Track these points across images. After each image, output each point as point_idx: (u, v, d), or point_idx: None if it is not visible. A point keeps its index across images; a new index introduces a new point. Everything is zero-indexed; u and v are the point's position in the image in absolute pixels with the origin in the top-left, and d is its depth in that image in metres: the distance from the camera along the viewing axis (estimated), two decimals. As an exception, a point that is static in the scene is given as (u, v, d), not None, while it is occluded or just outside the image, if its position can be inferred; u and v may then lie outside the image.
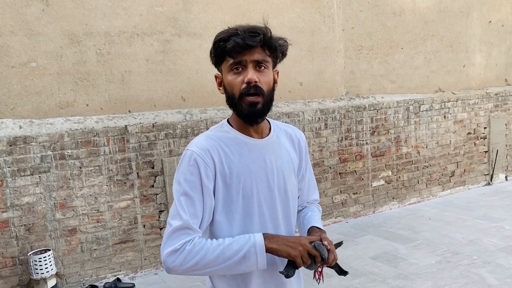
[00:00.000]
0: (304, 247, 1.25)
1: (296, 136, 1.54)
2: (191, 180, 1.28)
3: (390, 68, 5.87)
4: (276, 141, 1.45)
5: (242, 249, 1.24)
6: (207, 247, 1.24)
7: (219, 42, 1.28)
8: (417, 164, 6.05)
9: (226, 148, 1.36)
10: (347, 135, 5.41)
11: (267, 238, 1.26)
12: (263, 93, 1.30)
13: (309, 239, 1.30)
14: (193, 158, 1.30)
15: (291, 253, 1.24)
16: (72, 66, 3.94)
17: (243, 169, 1.35)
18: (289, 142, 1.51)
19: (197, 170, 1.29)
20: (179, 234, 1.24)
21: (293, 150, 1.52)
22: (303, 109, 5.09)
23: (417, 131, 6.03)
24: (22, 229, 3.71)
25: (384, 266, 4.06)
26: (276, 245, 1.25)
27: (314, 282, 1.44)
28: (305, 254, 1.24)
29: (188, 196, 1.27)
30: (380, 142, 5.69)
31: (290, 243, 1.25)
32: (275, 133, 1.46)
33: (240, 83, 1.29)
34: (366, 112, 5.54)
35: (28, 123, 3.76)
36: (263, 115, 1.35)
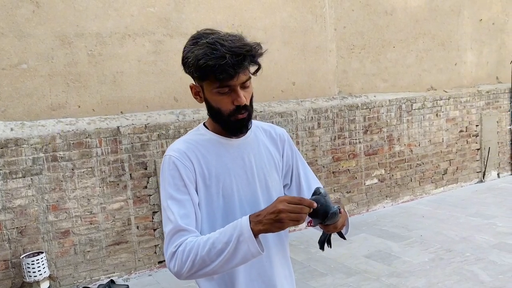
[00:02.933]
0: (285, 210, 1.15)
1: (276, 133, 1.53)
2: (174, 183, 1.29)
3: (382, 67, 5.89)
4: (254, 140, 1.45)
5: (231, 240, 1.19)
6: (198, 244, 1.21)
7: (206, 67, 1.22)
8: (410, 162, 6.08)
9: (204, 150, 1.36)
10: (340, 134, 5.42)
11: (253, 222, 1.18)
12: (250, 109, 1.34)
13: (290, 197, 1.21)
14: (172, 162, 1.31)
15: (280, 226, 1.16)
16: (64, 67, 3.92)
17: (221, 169, 1.36)
18: (269, 140, 1.51)
19: (178, 173, 1.30)
20: (174, 237, 1.24)
21: (274, 147, 1.51)
22: (296, 108, 5.09)
23: (410, 129, 6.05)
24: (14, 231, 3.69)
25: (377, 264, 4.07)
26: (262, 226, 1.17)
27: (323, 251, 1.42)
28: (291, 216, 1.15)
29: (175, 199, 1.28)
30: (373, 140, 5.70)
31: (273, 216, 1.16)
32: (253, 132, 1.46)
33: (228, 104, 1.30)
34: (358, 111, 5.56)
35: (20, 125, 3.74)
36: (249, 125, 1.38)
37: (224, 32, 1.29)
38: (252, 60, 1.26)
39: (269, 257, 1.40)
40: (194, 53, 1.24)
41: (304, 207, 1.15)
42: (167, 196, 1.29)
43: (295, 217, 1.14)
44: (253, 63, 1.28)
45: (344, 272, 3.96)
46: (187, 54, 1.27)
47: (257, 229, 1.17)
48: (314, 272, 4.00)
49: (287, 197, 1.17)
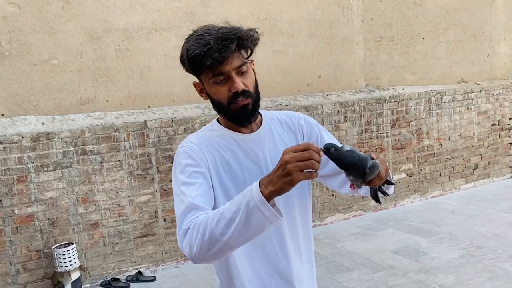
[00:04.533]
0: (292, 159, 1.04)
1: (292, 122, 1.50)
2: (186, 170, 1.27)
3: (411, 59, 5.76)
4: (268, 133, 1.43)
5: (240, 207, 1.08)
6: (207, 217, 1.13)
7: (194, 58, 1.22)
8: (440, 156, 5.95)
9: (216, 145, 1.35)
10: (367, 128, 5.34)
11: (263, 185, 1.07)
12: (251, 94, 1.31)
13: (295, 146, 1.09)
14: (184, 152, 1.30)
15: (290, 180, 1.04)
16: (92, 62, 3.99)
17: (235, 164, 1.34)
18: (287, 130, 1.48)
19: (190, 159, 1.28)
20: (188, 216, 1.17)
21: (293, 137, 1.47)
22: (322, 102, 5.05)
23: (439, 123, 5.91)
24: (46, 223, 3.79)
25: (405, 260, 4.01)
26: (272, 186, 1.05)
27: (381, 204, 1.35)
28: (300, 165, 1.03)
29: (187, 184, 1.24)
30: (401, 134, 5.60)
31: (280, 171, 1.05)
32: (267, 125, 1.44)
33: (226, 92, 1.28)
34: (386, 104, 5.46)
35: (51, 120, 3.83)
36: (254, 113, 1.35)
37: (222, 25, 1.28)
38: (241, 43, 1.24)
39: (284, 250, 1.36)
40: (185, 47, 1.25)
41: (312, 152, 1.03)
42: (179, 184, 1.25)
43: (304, 165, 1.02)
44: (243, 47, 1.25)
45: (371, 267, 3.92)
46: (181, 51, 1.28)
47: (267, 191, 1.06)
48: (340, 267, 3.97)
49: (292, 147, 1.06)
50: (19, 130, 3.68)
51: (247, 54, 1.28)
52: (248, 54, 1.29)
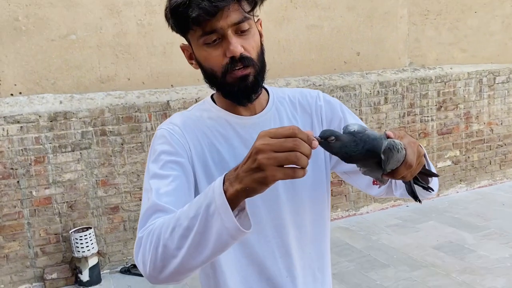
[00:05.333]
0: (266, 148, 0.73)
1: (308, 102, 1.19)
2: (160, 159, 1.01)
3: (461, 35, 5.24)
4: (274, 116, 1.13)
5: (199, 212, 0.79)
6: (163, 222, 0.85)
7: (178, 8, 0.95)
8: (490, 143, 5.43)
9: (206, 129, 1.08)
10: (410, 111, 4.91)
11: (228, 180, 0.78)
12: (253, 62, 1.01)
13: (275, 129, 0.77)
14: (161, 135, 1.05)
15: (261, 178, 0.74)
16: (112, 38, 3.77)
17: (228, 156, 1.06)
18: (300, 113, 1.17)
19: (167, 145, 1.03)
20: (145, 221, 0.91)
21: (308, 120, 1.17)
22: (360, 81, 4.65)
23: (491, 106, 5.38)
24: (64, 206, 3.66)
25: (448, 257, 3.62)
26: (239, 183, 0.75)
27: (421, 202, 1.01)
28: (277, 157, 0.72)
29: (159, 177, 0.98)
30: (447, 118, 5.13)
31: (250, 163, 0.75)
32: (274, 106, 1.14)
33: (220, 58, 0.99)
34: (432, 84, 4.99)
35: (69, 98, 3.66)
36: (257, 88, 1.06)
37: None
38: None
39: (290, 268, 1.08)
40: (169, 1, 0.99)
41: (298, 141, 0.72)
42: (149, 176, 0.99)
43: (284, 158, 0.71)
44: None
45: (409, 264, 3.56)
46: (166, 12, 1.02)
47: (233, 190, 0.76)
48: (374, 263, 3.64)
49: (270, 130, 0.76)
50: (37, 109, 3.53)
51: (250, 7, 0.99)
52: (251, 6, 0.99)
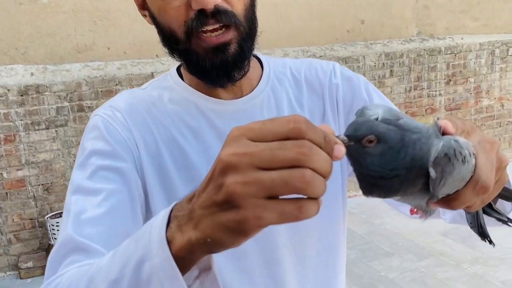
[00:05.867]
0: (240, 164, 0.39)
1: (319, 79, 0.86)
2: (90, 163, 0.70)
3: (474, 2, 4.91)
4: (269, 100, 0.82)
5: (125, 272, 0.47)
6: (72, 279, 0.54)
7: None
8: (500, 119, 5.14)
9: (167, 119, 0.77)
10: (417, 85, 4.62)
11: (176, 219, 0.45)
12: (236, 20, 0.70)
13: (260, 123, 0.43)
14: (96, 127, 0.74)
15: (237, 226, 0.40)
16: (90, 2, 3.41)
17: (197, 159, 0.76)
18: (307, 94, 0.85)
19: (104, 143, 0.72)
20: (54, 264, 0.60)
21: (320, 104, 0.85)
22: (364, 52, 4.35)
23: (503, 79, 5.08)
24: (40, 189, 3.35)
25: (457, 245, 3.35)
26: (194, 230, 0.42)
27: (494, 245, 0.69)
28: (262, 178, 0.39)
29: (85, 192, 0.67)
30: (456, 93, 4.83)
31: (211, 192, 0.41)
32: (269, 85, 0.83)
33: (181, 10, 0.69)
34: (441, 56, 4.67)
35: (42, 70, 3.31)
36: (243, 63, 0.74)
37: None
38: None
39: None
40: None
41: (306, 143, 0.39)
42: (72, 189, 0.69)
43: (279, 184, 0.39)
44: None
45: (415, 253, 3.30)
46: None
47: (183, 240, 0.43)
48: (377, 250, 3.37)
49: (251, 125, 0.42)
50: (5, 81, 3.19)
51: None
52: None
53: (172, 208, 0.46)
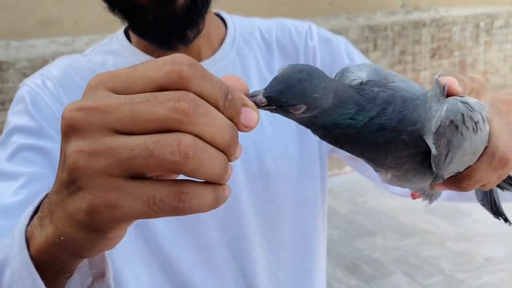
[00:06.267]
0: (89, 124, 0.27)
1: (293, 40, 0.76)
2: (11, 141, 0.62)
3: (459, -27, 4.76)
4: (234, 65, 0.72)
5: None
6: None
7: None
8: (485, 93, 5.08)
9: None
10: (401, 59, 4.52)
11: (41, 210, 0.33)
12: None
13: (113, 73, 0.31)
14: (21, 99, 0.66)
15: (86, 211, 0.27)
16: (53, -28, 3.19)
17: None
18: (279, 57, 0.75)
19: (28, 118, 0.63)
20: None
21: None
22: (346, 25, 4.22)
23: (487, 53, 5.01)
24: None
25: (442, 222, 3.32)
26: (51, 225, 0.30)
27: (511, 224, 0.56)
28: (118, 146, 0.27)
29: (3, 176, 0.59)
30: (441, 67, 4.77)
31: (60, 171, 0.30)
32: (235, 47, 0.72)
33: None
34: (426, 29, 4.57)
35: (4, 46, 3.16)
36: (197, 18, 0.64)
37: None
38: None
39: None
40: None
41: (189, 97, 0.27)
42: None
43: (143, 158, 0.26)
44: None
45: (398, 231, 3.25)
46: None
47: (41, 239, 0.31)
48: (360, 229, 3.31)
49: (113, 72, 0.29)
50: (-37, 58, 2.99)
51: None
52: None
53: (47, 193, 0.33)
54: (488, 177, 0.40)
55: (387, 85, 0.37)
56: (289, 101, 0.33)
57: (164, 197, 0.26)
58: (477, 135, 0.37)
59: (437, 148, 0.35)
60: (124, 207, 0.26)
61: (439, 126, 0.35)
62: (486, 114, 0.38)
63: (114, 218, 0.27)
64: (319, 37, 0.77)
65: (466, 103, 0.36)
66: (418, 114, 0.36)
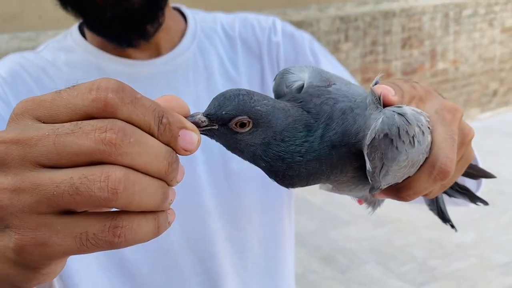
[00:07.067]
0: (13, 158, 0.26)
1: (255, 36, 0.74)
2: None
3: (428, -37, 4.76)
4: (195, 61, 0.70)
5: None
6: None
7: None
8: (455, 82, 5.14)
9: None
10: (373, 49, 4.51)
11: None
12: None
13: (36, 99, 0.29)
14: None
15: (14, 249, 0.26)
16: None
17: None
18: (243, 54, 0.73)
19: None
20: None
21: (257, 67, 0.72)
22: (317, 16, 4.17)
23: (457, 42, 5.05)
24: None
25: (413, 211, 3.35)
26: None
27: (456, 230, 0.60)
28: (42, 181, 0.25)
29: None
30: (412, 56, 4.77)
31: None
32: (196, 41, 0.71)
33: None
34: (396, 19, 4.57)
35: (-37, 42, 2.99)
36: (156, 12, 0.63)
37: None
38: None
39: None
40: None
41: (115, 124, 0.25)
42: None
43: (69, 195, 0.24)
44: None
45: (372, 220, 3.27)
46: None
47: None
48: (335, 220, 3.33)
49: (43, 98, 0.27)
50: None
51: None
52: None
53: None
54: (428, 188, 0.39)
55: (328, 91, 0.36)
56: (229, 112, 0.31)
57: (97, 233, 0.25)
58: (415, 148, 0.36)
59: (372, 160, 0.34)
60: (55, 245, 0.25)
61: (373, 139, 0.34)
62: (427, 124, 0.37)
63: (45, 256, 0.26)
64: (283, 32, 0.76)
65: (402, 115, 0.35)
66: (358, 125, 0.34)
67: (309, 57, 0.76)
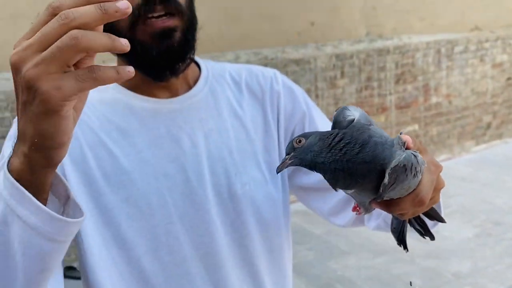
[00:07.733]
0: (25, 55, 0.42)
1: (260, 84, 0.85)
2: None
3: (419, 2, 5.02)
4: (207, 100, 0.80)
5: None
6: None
7: None
8: (449, 116, 5.28)
9: (95, 122, 0.74)
10: (368, 85, 4.65)
11: (13, 151, 0.47)
12: (181, 8, 0.71)
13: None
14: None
15: (41, 101, 0.42)
16: (28, 7, 3.23)
17: (128, 163, 0.73)
18: (248, 97, 0.84)
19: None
20: None
21: (259, 109, 0.84)
22: (315, 54, 4.33)
23: (449, 77, 5.22)
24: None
25: (411, 241, 3.35)
26: (23, 141, 0.45)
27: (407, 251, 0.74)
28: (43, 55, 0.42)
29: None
30: (406, 91, 4.92)
31: (21, 95, 0.44)
32: (208, 84, 0.81)
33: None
34: (390, 56, 4.74)
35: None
36: (187, 52, 0.74)
37: None
38: None
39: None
40: None
41: (64, 11, 0.40)
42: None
43: (55, 52, 0.40)
44: None
45: (371, 250, 3.34)
46: None
47: (19, 159, 0.45)
48: (334, 250, 3.39)
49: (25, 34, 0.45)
50: None
51: None
52: None
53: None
54: (407, 209, 0.55)
55: (368, 128, 0.54)
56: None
57: (84, 73, 0.41)
58: (414, 180, 0.52)
59: (389, 178, 0.50)
60: (65, 86, 0.41)
61: (396, 166, 0.50)
62: (423, 168, 0.53)
63: (61, 97, 0.41)
64: (283, 83, 0.88)
65: (416, 157, 0.51)
66: (385, 154, 0.51)
67: (303, 107, 0.88)
